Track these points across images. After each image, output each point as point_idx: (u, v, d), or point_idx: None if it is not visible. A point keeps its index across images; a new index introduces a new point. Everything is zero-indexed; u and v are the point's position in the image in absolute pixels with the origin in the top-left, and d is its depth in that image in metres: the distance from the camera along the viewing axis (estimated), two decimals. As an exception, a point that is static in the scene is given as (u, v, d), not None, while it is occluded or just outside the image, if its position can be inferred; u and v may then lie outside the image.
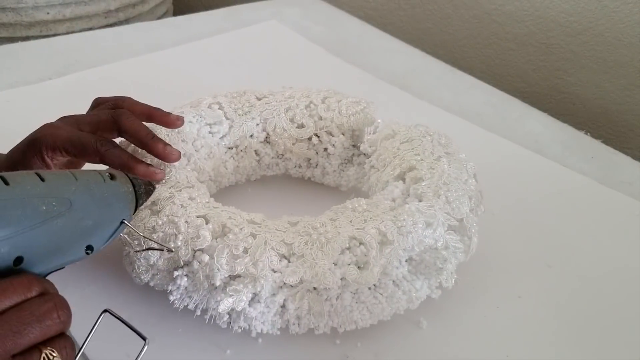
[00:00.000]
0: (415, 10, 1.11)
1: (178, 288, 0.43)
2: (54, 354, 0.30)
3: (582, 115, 0.95)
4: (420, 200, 0.46)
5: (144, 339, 0.33)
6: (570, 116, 0.93)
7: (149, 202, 0.45)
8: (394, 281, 0.44)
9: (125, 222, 0.37)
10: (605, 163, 0.69)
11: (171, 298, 0.43)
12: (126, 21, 1.20)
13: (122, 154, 0.46)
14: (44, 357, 0.30)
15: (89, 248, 0.34)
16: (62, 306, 0.31)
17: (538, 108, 0.79)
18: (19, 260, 0.31)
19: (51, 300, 0.31)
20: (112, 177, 0.37)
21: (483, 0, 1.00)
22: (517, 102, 0.80)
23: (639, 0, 0.84)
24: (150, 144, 0.47)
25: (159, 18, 1.28)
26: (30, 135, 0.46)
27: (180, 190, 0.46)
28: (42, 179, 0.32)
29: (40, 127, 0.47)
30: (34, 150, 0.45)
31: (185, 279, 0.43)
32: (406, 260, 0.45)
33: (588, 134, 0.74)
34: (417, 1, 1.10)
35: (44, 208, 0.31)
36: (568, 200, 0.62)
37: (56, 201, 0.32)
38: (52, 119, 0.48)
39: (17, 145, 0.47)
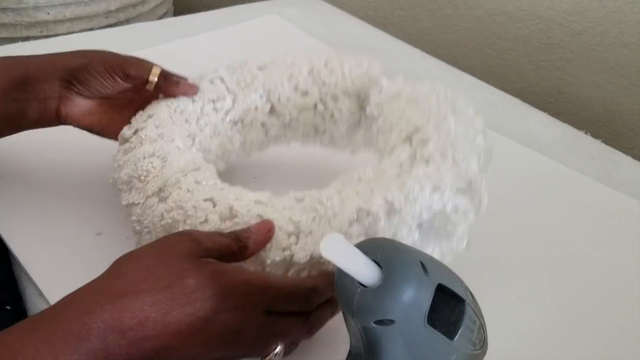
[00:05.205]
0: (416, 10, 1.11)
1: None
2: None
3: (582, 115, 0.95)
4: (427, 163, 0.44)
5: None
6: (571, 116, 0.93)
7: (156, 189, 0.45)
8: None
9: None
10: (605, 163, 0.68)
11: None
12: (127, 21, 1.20)
13: None
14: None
15: None
16: None
17: (538, 108, 0.79)
18: None
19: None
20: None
21: (483, 0, 1.00)
22: (518, 102, 0.80)
23: (639, 1, 0.83)
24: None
25: (160, 18, 1.28)
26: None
27: (186, 175, 0.45)
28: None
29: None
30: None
31: None
32: (416, 227, 0.43)
33: (588, 133, 0.74)
34: (417, 1, 1.10)
35: None
36: (568, 200, 0.62)
37: None
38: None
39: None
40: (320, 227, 0.41)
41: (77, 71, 0.49)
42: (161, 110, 0.51)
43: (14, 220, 0.55)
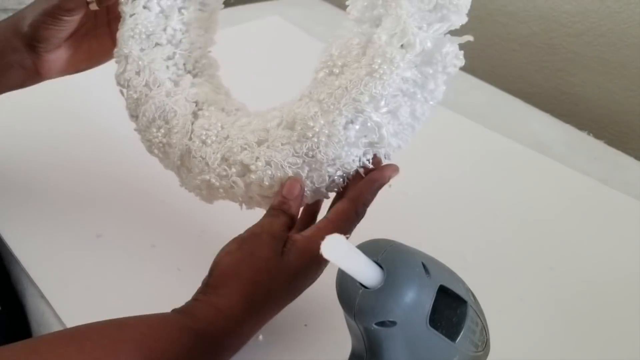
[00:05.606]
0: (418, 11, 1.11)
1: None
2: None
3: (584, 116, 0.94)
4: (386, 10, 0.42)
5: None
6: (573, 117, 0.92)
7: (178, 161, 0.47)
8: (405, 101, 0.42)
9: None
10: (608, 164, 0.68)
11: None
12: (128, 22, 1.20)
13: None
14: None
15: None
16: None
17: (541, 109, 0.79)
18: None
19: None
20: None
21: (485, 1, 1.00)
22: (520, 103, 0.80)
23: (642, 1, 0.83)
24: None
25: (161, 19, 1.27)
26: None
27: (192, 138, 0.46)
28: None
29: None
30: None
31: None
32: (408, 86, 0.42)
33: (591, 134, 0.74)
34: (419, 2, 1.10)
35: None
36: (571, 201, 0.62)
37: None
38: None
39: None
40: (321, 152, 0.42)
41: (30, 34, 0.48)
42: (131, 48, 0.48)
43: (14, 221, 0.55)
